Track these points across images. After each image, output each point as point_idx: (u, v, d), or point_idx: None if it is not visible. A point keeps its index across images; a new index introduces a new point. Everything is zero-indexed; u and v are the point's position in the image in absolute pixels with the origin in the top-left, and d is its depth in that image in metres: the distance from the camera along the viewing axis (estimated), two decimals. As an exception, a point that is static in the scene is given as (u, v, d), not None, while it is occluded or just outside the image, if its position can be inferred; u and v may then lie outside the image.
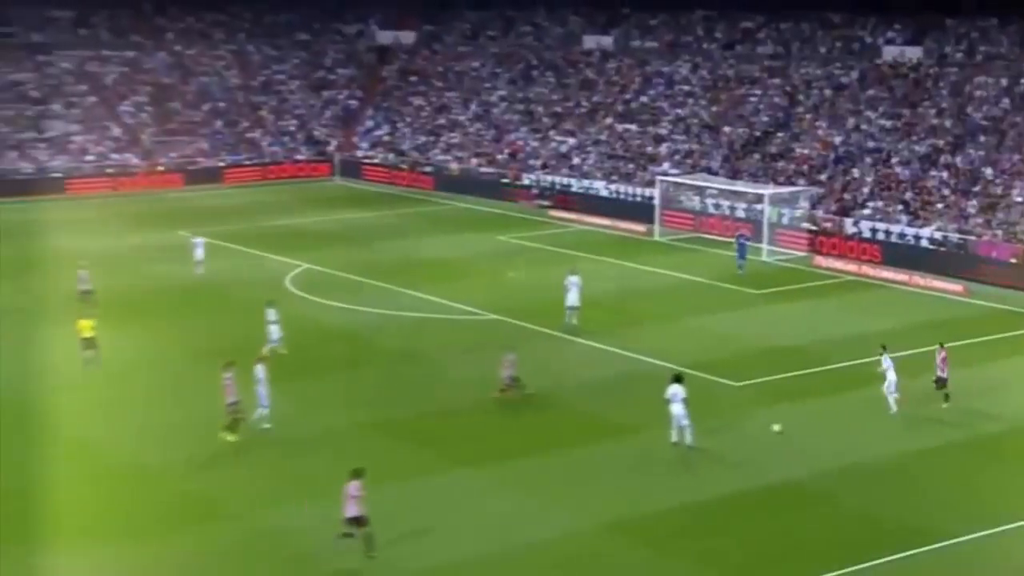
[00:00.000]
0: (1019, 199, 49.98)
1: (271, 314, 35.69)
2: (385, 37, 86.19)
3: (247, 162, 72.49)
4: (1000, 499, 26.10)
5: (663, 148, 64.27)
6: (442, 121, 75.81)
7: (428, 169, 70.13)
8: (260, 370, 29.71)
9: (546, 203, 62.53)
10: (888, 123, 58.74)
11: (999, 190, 51.28)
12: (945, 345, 32.21)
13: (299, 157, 74.48)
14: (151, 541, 23.88)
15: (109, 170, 68.69)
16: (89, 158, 69.45)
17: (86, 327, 34.26)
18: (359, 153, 75.24)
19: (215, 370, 29.75)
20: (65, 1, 79.07)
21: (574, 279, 39.34)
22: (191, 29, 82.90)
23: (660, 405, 30.60)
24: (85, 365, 33.91)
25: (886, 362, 31.35)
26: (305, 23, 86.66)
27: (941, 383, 31.62)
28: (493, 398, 31.27)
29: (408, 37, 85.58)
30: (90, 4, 79.89)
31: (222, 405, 28.87)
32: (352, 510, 22.97)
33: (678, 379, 28.95)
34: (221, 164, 71.66)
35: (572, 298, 38.95)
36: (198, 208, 62.40)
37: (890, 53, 63.90)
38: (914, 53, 62.93)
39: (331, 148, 76.08)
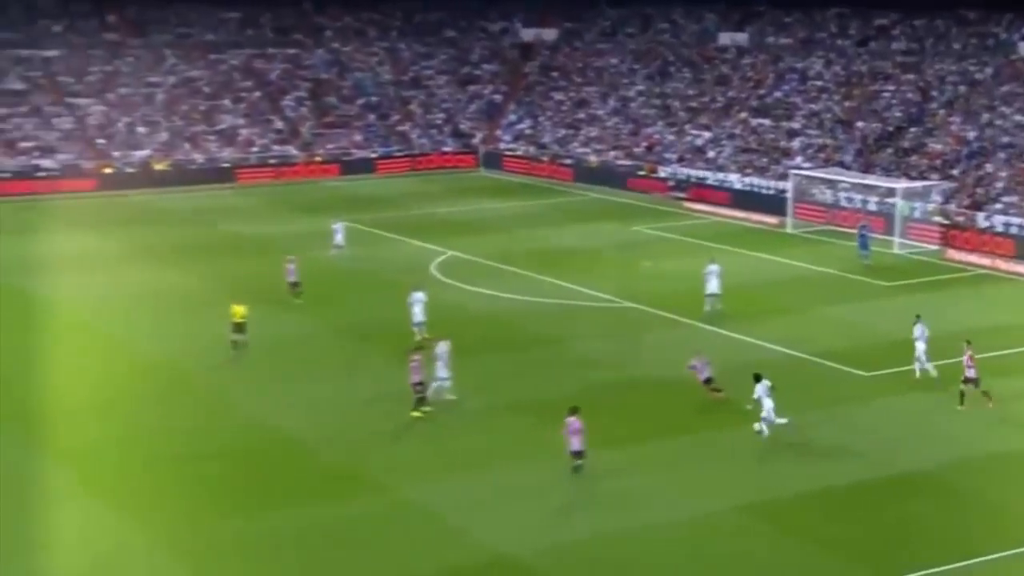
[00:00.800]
0: None
1: (417, 297, 36.04)
2: (528, 34, 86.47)
3: (397, 153, 73.72)
4: None
5: (796, 142, 63.06)
6: (581, 115, 75.79)
7: (568, 161, 70.23)
8: (443, 346, 30.56)
9: (681, 195, 62.03)
10: (1023, 118, 56.48)
11: None
12: (970, 343, 30.42)
13: (446, 149, 75.39)
14: (296, 510, 24.62)
15: (272, 161, 70.69)
16: (254, 149, 71.59)
17: (238, 312, 34.47)
18: (502, 145, 75.78)
19: (365, 347, 30.40)
20: (234, 3, 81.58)
21: (714, 267, 39.25)
22: (348, 27, 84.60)
23: (788, 393, 30.27)
24: (234, 348, 34.24)
25: (918, 331, 31.85)
26: (452, 21, 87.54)
27: (969, 382, 29.68)
28: (712, 400, 30.55)
29: (550, 34, 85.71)
30: (256, 5, 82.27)
31: (407, 385, 29.41)
32: (575, 444, 25.57)
33: (758, 378, 28.27)
34: (373, 155, 73.05)
35: (712, 286, 38.85)
36: (352, 197, 63.77)
37: (1027, 49, 61.49)
38: (1052, 48, 60.42)
39: (476, 140, 76.80)
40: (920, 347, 31.74)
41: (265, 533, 23.50)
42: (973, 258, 47.43)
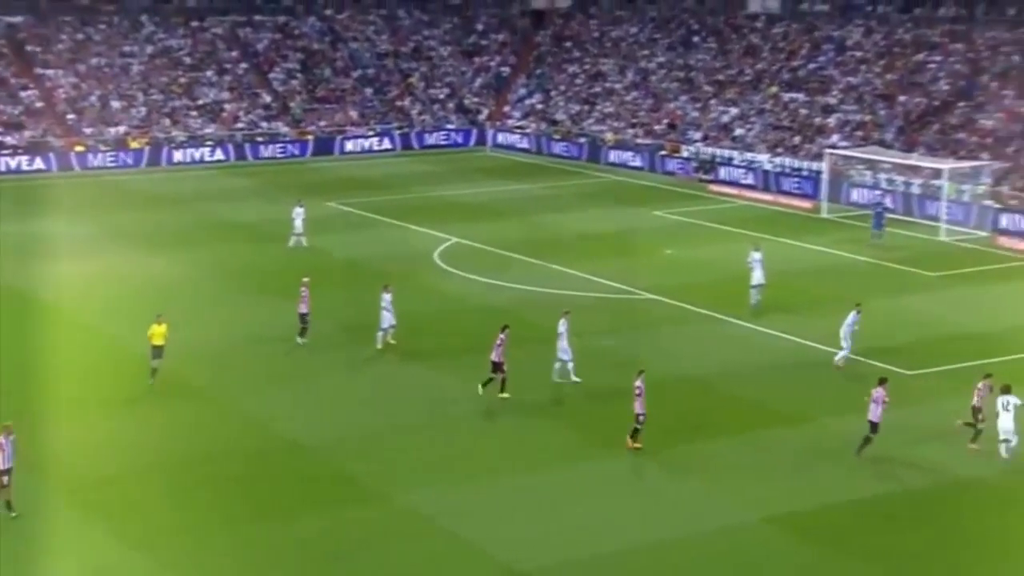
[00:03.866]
0: None
1: (386, 299, 35.24)
2: (539, 2, 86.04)
3: (396, 131, 73.43)
4: None
5: (832, 119, 62.61)
6: (597, 89, 75.42)
7: (582, 139, 69.92)
8: (563, 324, 31.39)
9: (706, 176, 61.66)
10: (1084, 92, 56.06)
11: None
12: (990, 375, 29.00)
13: (449, 126, 75.09)
14: (296, 518, 24.47)
15: (259, 138, 70.44)
16: (240, 125, 71.35)
17: (158, 333, 31.22)
18: (511, 122, 75.44)
19: (363, 345, 30.03)
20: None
21: (757, 256, 39.00)
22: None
23: (827, 394, 30.00)
24: (152, 376, 31.46)
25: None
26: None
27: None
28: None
29: (563, 1, 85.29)
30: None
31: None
32: (875, 414, 26.74)
33: (1006, 390, 27.16)
34: (370, 133, 72.78)
35: (757, 276, 38.53)
36: (347, 178, 63.47)
37: (1088, 15, 60.93)
38: (1115, 15, 59.87)
39: (482, 117, 76.48)
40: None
41: (265, 543, 23.40)
42: (1028, 245, 47.05)
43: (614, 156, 67.16)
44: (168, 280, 42.31)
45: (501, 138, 73.75)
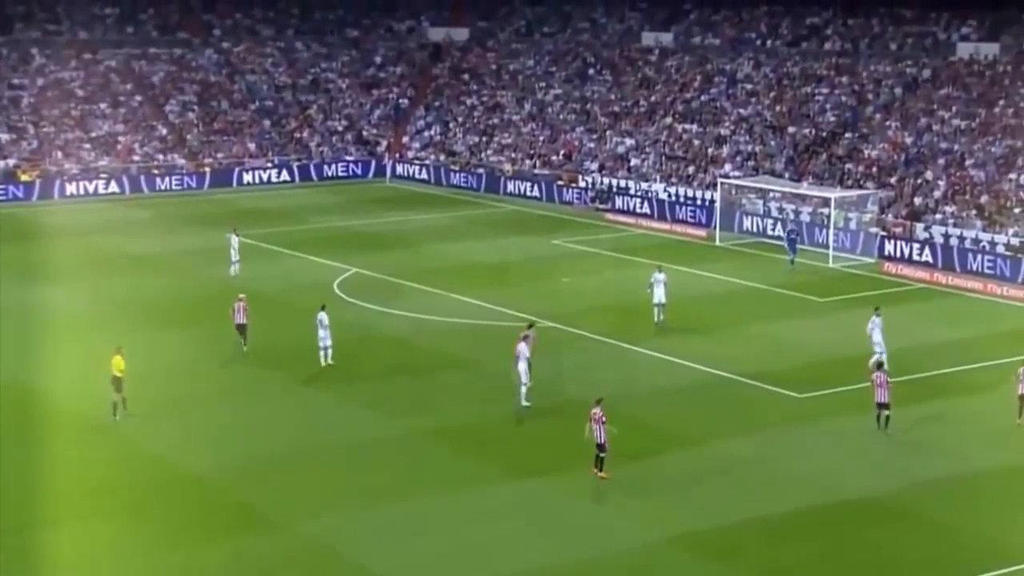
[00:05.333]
0: (1101, 203, 49.38)
1: (323, 318, 35.96)
2: (437, 34, 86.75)
3: (295, 162, 73.27)
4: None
5: (725, 149, 64.16)
6: (495, 120, 76.20)
7: (481, 170, 70.55)
8: (523, 348, 31.95)
9: (603, 206, 62.66)
10: (962, 123, 58.24)
11: (1080, 194, 50.68)
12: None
13: (348, 157, 75.19)
14: (196, 549, 24.33)
15: (155, 171, 69.75)
16: (135, 158, 70.57)
17: (118, 365, 30.96)
18: (410, 154, 75.79)
19: (266, 373, 30.08)
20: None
21: (660, 276, 40.64)
22: (239, 25, 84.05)
23: (719, 416, 30.83)
24: (115, 412, 31.03)
25: (872, 324, 35.45)
26: (355, 19, 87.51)
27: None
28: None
29: (461, 34, 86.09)
30: (137, 0, 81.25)
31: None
32: (881, 396, 29.52)
33: None
34: (268, 164, 72.50)
35: (659, 295, 40.18)
36: (246, 210, 63.14)
37: (965, 50, 63.33)
38: (990, 50, 62.31)
39: (381, 148, 76.73)
40: (876, 338, 35.04)
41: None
42: (911, 271, 48.66)
43: (512, 186, 67.89)
44: (66, 313, 41.74)
45: (400, 169, 74.05)
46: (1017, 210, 51.09)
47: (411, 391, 34.15)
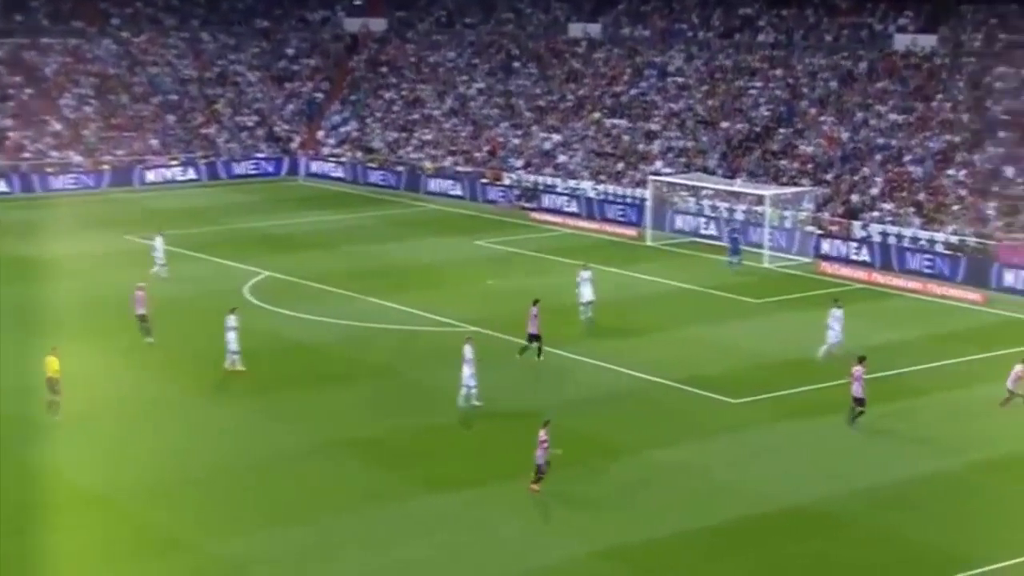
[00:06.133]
0: (1041, 200, 50.56)
1: (231, 322, 35.66)
2: (353, 25, 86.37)
3: (202, 160, 72.48)
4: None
5: (655, 145, 64.64)
6: (415, 116, 76.03)
7: (400, 168, 70.36)
8: (468, 350, 32.51)
9: (528, 205, 62.79)
10: (900, 118, 59.28)
11: (1021, 190, 51.80)
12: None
13: (259, 154, 74.54)
14: (103, 572, 23.92)
15: (49, 169, 68.57)
16: (26, 155, 69.33)
17: (52, 366, 31.65)
18: (325, 150, 75.37)
19: (172, 384, 29.75)
20: (0, -17, 79.19)
21: (586, 274, 41.20)
22: (139, 15, 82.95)
23: (649, 424, 31.05)
24: (48, 408, 31.91)
25: (833, 316, 36.85)
26: (265, 9, 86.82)
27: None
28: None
29: (378, 25, 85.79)
30: (28, -14, 80.00)
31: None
32: (857, 391, 31.13)
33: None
34: (173, 162, 71.64)
35: (586, 293, 40.79)
36: (149, 211, 62.34)
37: (902, 42, 64.46)
38: (928, 42, 63.51)
39: (294, 145, 76.19)
40: (832, 333, 37.03)
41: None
42: (848, 271, 49.41)
43: (434, 185, 67.79)
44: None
45: (315, 167, 73.60)
46: (956, 207, 52.11)
47: (327, 402, 33.92)
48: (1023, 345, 39.43)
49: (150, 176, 70.43)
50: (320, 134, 77.26)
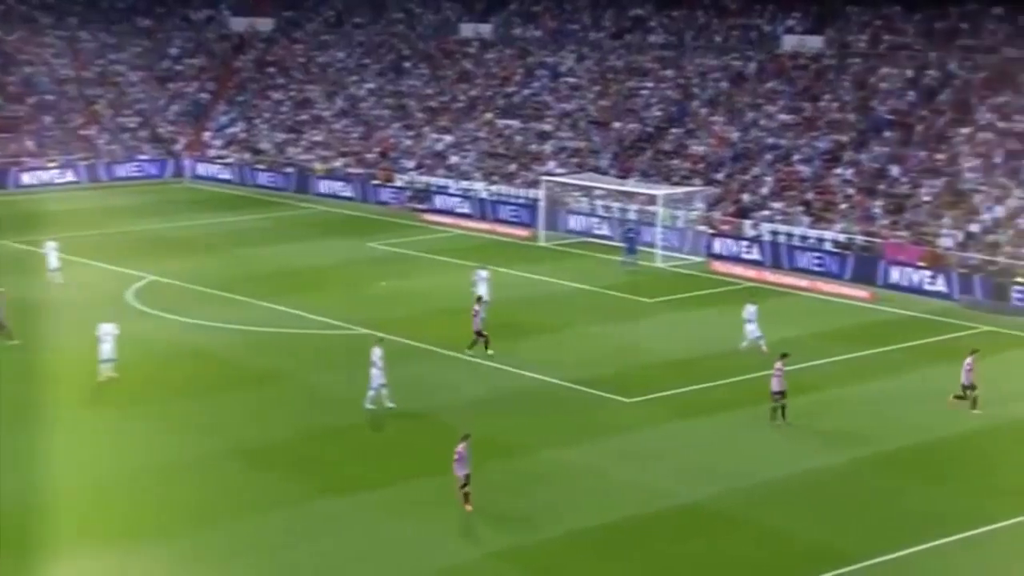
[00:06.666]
0: (927, 198, 51.86)
1: (107, 330, 34.96)
2: (239, 24, 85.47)
3: (81, 162, 71.07)
4: (911, 518, 27.08)
5: (548, 146, 65.01)
6: (304, 116, 75.47)
7: (289, 169, 69.78)
8: (377, 352, 32.60)
9: (421, 206, 62.73)
10: (788, 118, 60.42)
11: (906, 189, 53.15)
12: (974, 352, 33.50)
13: (142, 156, 73.35)
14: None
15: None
16: None
17: None
18: (211, 152, 74.43)
19: (49, 393, 29.15)
20: None
21: (483, 273, 41.82)
22: (12, 11, 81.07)
23: (543, 424, 31.24)
24: None
25: (747, 312, 37.98)
26: (146, 8, 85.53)
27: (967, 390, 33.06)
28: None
29: (265, 24, 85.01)
30: None
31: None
32: (776, 385, 31.58)
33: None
34: (50, 164, 70.12)
35: (482, 293, 40.76)
36: (25, 214, 60.98)
37: (789, 43, 65.75)
38: (815, 43, 64.85)
39: (179, 147, 75.10)
40: (750, 327, 38.08)
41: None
42: (739, 270, 50.21)
43: (324, 186, 67.37)
44: None
45: (201, 169, 72.67)
46: (843, 206, 53.26)
47: (214, 408, 33.52)
48: (910, 341, 40.64)
49: (26, 178, 68.92)
50: (206, 135, 76.29)
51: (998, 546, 25.75)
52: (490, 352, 37.49)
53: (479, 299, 38.50)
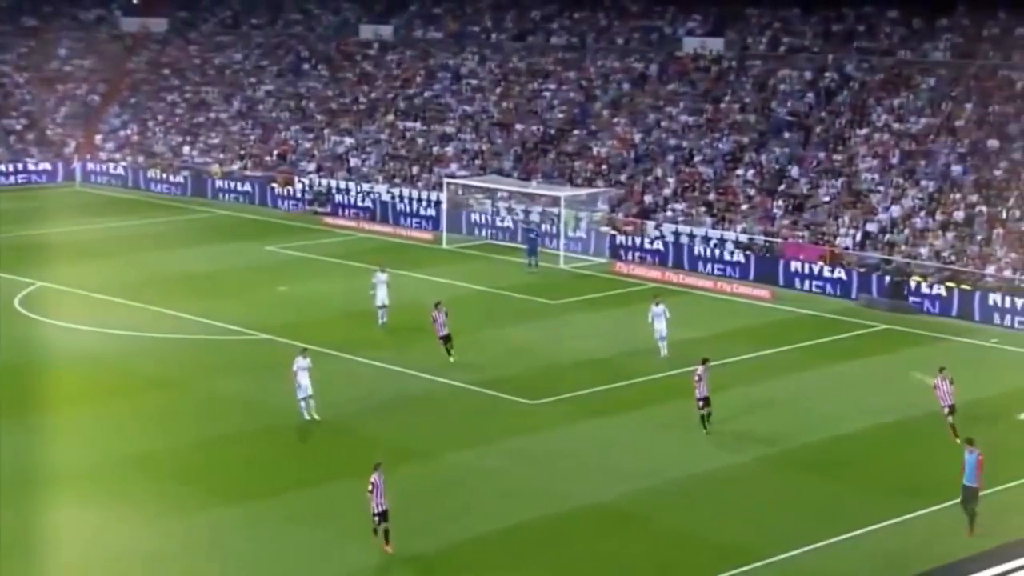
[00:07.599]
0: (826, 199, 52.78)
1: None
2: (131, 24, 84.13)
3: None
4: (814, 515, 27.50)
5: (450, 148, 64.95)
6: (200, 119, 74.52)
7: (185, 173, 68.83)
8: (303, 362, 32.26)
9: (321, 209, 62.29)
10: (690, 119, 61.07)
11: (805, 189, 54.03)
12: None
13: (30, 160, 71.82)
14: None
15: None
16: None
17: None
18: (102, 155, 73.14)
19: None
20: None
21: (383, 276, 41.57)
22: None
23: (447, 428, 31.16)
24: None
25: (653, 313, 38.03)
26: (32, 7, 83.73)
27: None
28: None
29: (158, 24, 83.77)
30: None
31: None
32: (700, 391, 31.30)
33: None
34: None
35: (382, 296, 41.12)
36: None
37: (690, 45, 66.46)
38: (715, 45, 65.63)
39: (69, 150, 73.69)
40: (659, 326, 38.07)
41: None
42: (642, 270, 50.63)
43: (221, 190, 66.58)
44: None
45: (92, 173, 71.37)
46: (744, 207, 53.98)
47: (105, 416, 32.93)
48: (809, 340, 41.29)
49: (-95, 183, 67.18)
50: (97, 138, 74.95)
51: (893, 542, 26.15)
52: (452, 359, 37.21)
53: (437, 304, 37.81)
